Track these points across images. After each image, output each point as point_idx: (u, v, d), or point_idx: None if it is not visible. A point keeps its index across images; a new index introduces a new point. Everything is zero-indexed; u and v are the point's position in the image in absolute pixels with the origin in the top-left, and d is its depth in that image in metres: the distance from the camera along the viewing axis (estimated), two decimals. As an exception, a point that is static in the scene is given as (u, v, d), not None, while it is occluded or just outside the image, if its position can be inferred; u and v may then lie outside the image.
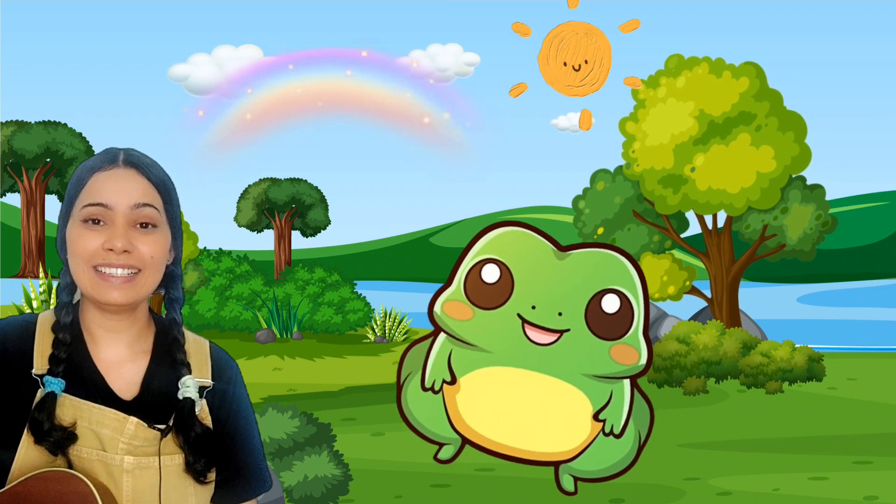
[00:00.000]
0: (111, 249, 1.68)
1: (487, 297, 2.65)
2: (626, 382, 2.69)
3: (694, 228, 16.00)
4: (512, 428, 2.71)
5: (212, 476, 1.77)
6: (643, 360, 2.66)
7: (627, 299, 2.65)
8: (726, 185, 14.65)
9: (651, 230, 15.89)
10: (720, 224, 15.57)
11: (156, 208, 1.73)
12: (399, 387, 2.74)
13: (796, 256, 15.19)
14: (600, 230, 16.02)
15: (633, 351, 2.66)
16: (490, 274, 2.64)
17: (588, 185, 16.22)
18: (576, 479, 2.74)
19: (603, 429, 2.69)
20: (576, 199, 16.29)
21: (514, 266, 2.65)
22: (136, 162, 1.75)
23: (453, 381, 2.69)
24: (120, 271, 1.69)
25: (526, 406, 2.69)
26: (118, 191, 1.70)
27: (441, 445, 2.78)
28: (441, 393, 2.71)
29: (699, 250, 15.82)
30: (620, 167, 15.79)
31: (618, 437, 2.69)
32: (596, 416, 2.68)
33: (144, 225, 1.72)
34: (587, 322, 2.64)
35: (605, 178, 16.01)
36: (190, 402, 1.74)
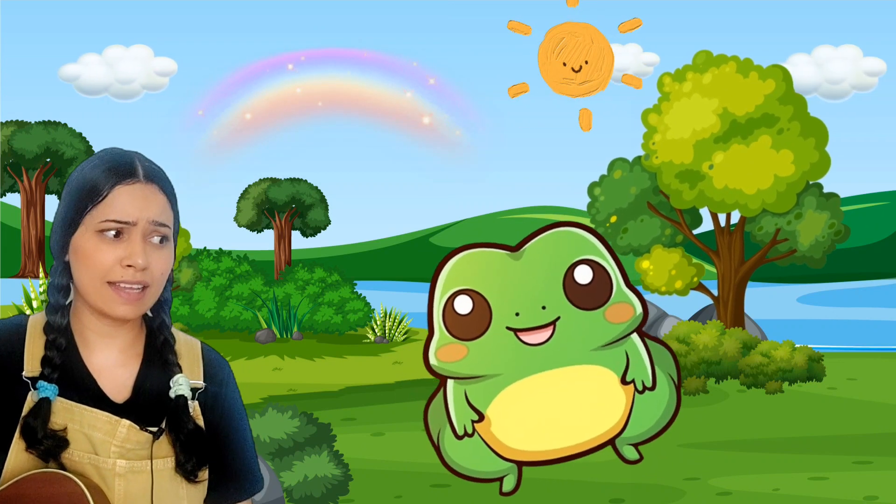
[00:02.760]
0: (130, 266, 1.67)
1: (471, 327, 2.64)
2: (635, 336, 2.69)
3: (706, 225, 15.99)
4: (555, 430, 2.71)
5: (203, 475, 1.76)
6: (639, 310, 2.67)
7: (597, 263, 2.65)
8: (743, 185, 14.63)
9: (664, 223, 15.87)
10: (733, 223, 15.56)
11: (169, 226, 1.73)
12: (436, 447, 2.73)
13: (806, 263, 15.18)
14: (613, 218, 15.99)
15: (626, 306, 2.66)
16: (463, 305, 2.64)
17: (605, 173, 16.17)
18: (636, 445, 2.73)
19: (636, 388, 2.69)
20: (591, 186, 16.24)
21: (481, 287, 2.65)
22: (155, 176, 1.73)
23: (481, 418, 2.69)
24: (134, 287, 1.68)
25: (556, 405, 2.69)
26: (140, 207, 1.69)
27: (501, 479, 2.79)
28: (476, 433, 2.71)
29: (710, 248, 15.81)
30: (639, 157, 15.76)
31: (652, 389, 2.69)
32: (624, 381, 2.68)
33: (158, 241, 1.72)
34: (571, 301, 2.64)
35: (623, 167, 15.97)
36: (182, 399, 1.73)
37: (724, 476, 8.15)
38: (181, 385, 1.74)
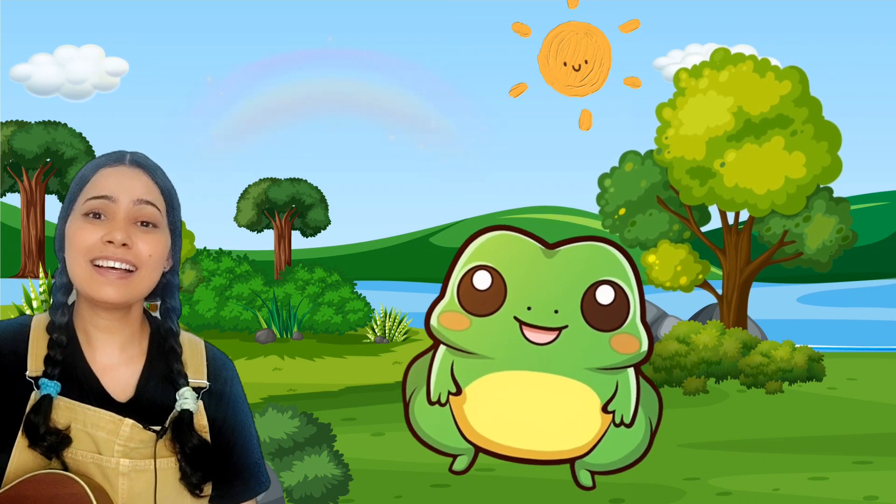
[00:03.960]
0: (110, 242, 1.68)
1: (482, 303, 2.63)
2: (631, 371, 2.68)
3: (715, 223, 15.98)
4: (523, 431, 2.70)
5: (207, 490, 1.75)
6: (644, 347, 2.66)
7: (621, 289, 2.63)
8: (753, 185, 14.63)
9: (672, 218, 15.86)
10: (741, 223, 15.55)
11: (157, 208, 1.73)
12: (405, 404, 2.72)
13: (812, 266, 15.18)
14: (622, 211, 15.98)
15: (633, 339, 2.65)
16: (482, 281, 2.63)
17: (616, 165, 16.15)
18: (593, 473, 2.72)
19: (613, 420, 2.68)
20: (602, 177, 16.22)
21: (504, 270, 2.63)
22: (142, 163, 1.76)
23: (459, 392, 2.68)
24: (117, 265, 1.68)
25: (534, 407, 2.68)
26: (121, 185, 1.71)
27: (455, 457, 2.77)
28: (448, 405, 2.70)
29: (717, 246, 15.81)
30: (651, 151, 15.74)
31: (629, 426, 2.68)
32: (605, 409, 2.67)
33: (145, 224, 1.72)
34: (584, 316, 2.63)
35: (635, 160, 15.95)
36: (188, 414, 1.73)
37: (724, 476, 8.15)
38: (186, 399, 1.74)
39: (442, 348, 2.70)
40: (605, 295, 2.64)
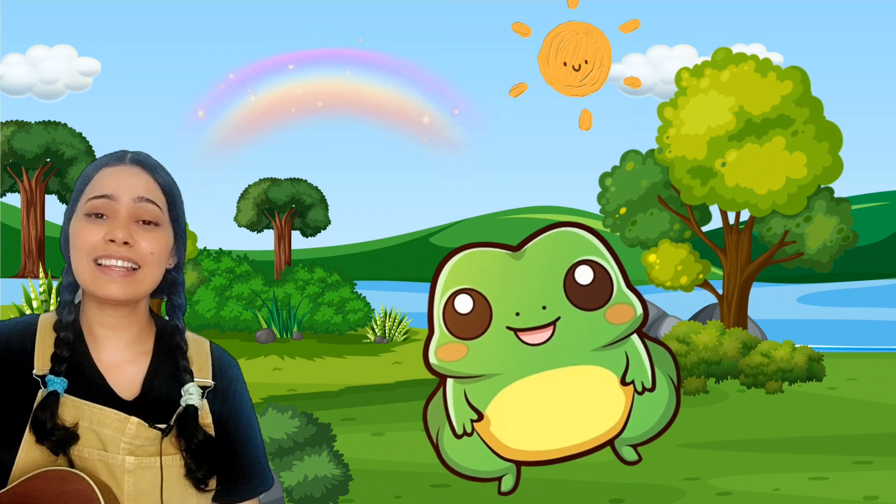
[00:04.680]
0: (112, 241, 1.69)
1: (471, 326, 2.64)
2: (635, 337, 2.69)
3: (715, 223, 15.99)
4: (554, 431, 2.70)
5: (212, 485, 1.76)
6: (639, 311, 2.67)
7: (597, 264, 2.64)
8: (754, 185, 14.62)
9: (673, 218, 15.86)
10: (742, 222, 15.56)
11: (158, 206, 1.74)
12: (434, 446, 2.72)
13: (812, 266, 15.18)
14: (623, 210, 15.98)
15: (626, 307, 2.66)
16: (463, 304, 2.64)
17: (617, 164, 16.15)
18: (635, 446, 2.73)
19: (635, 389, 2.68)
20: (603, 176, 16.22)
21: (481, 287, 2.64)
22: (143, 161, 1.77)
23: (481, 417, 2.68)
24: (120, 263, 1.69)
25: (556, 405, 2.69)
26: (122, 184, 1.72)
27: (500, 479, 2.78)
28: (475, 432, 2.70)
29: (717, 245, 15.81)
30: (652, 151, 15.74)
31: (651, 390, 2.69)
32: (623, 381, 2.68)
33: (147, 222, 1.73)
34: (571, 302, 2.64)
35: (636, 159, 15.95)
36: (193, 410, 1.74)
37: (724, 476, 8.15)
38: (192, 395, 1.75)
39: (450, 381, 2.71)
40: (583, 275, 2.65)
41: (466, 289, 2.65)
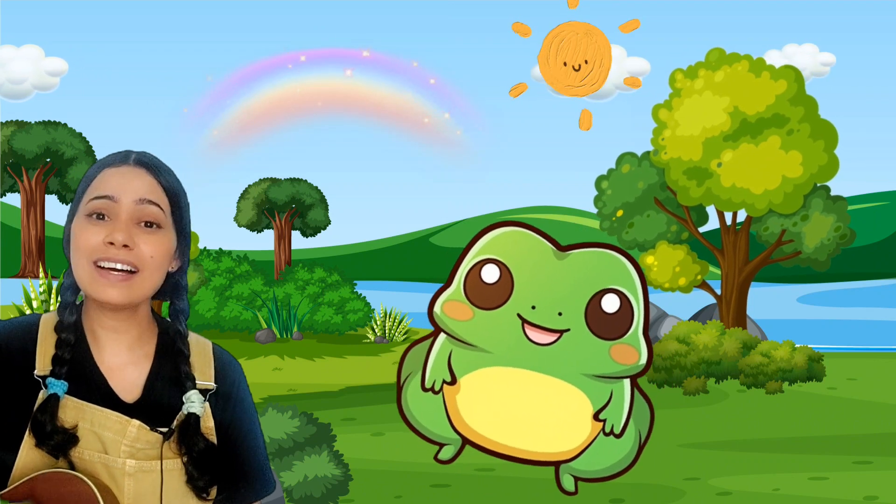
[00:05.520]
0: (112, 243, 1.68)
1: (487, 297, 2.64)
2: (627, 382, 2.69)
3: (712, 223, 15.99)
4: (512, 428, 2.71)
5: (213, 493, 1.76)
6: (643, 360, 2.66)
7: (627, 299, 2.64)
8: (751, 184, 14.63)
9: (670, 219, 15.86)
10: (739, 222, 15.56)
11: (161, 208, 1.72)
12: (399, 387, 2.73)
13: (810, 265, 15.19)
14: (620, 212, 15.99)
15: (633, 350, 2.65)
16: (490, 274, 2.64)
17: (613, 167, 16.15)
18: (576, 478, 2.74)
19: (603, 429, 2.69)
20: (599, 179, 16.22)
21: (513, 266, 2.64)
22: (147, 162, 1.75)
23: (453, 382, 2.69)
24: (119, 266, 1.68)
25: (526, 406, 2.69)
26: (124, 185, 1.71)
27: (441, 446, 2.78)
28: (441, 393, 2.71)
29: (715, 246, 15.81)
30: (648, 153, 15.74)
31: (618, 436, 2.69)
32: (596, 416, 2.68)
33: (149, 224, 1.71)
34: (587, 322, 2.64)
35: (632, 161, 15.95)
36: (194, 418, 1.73)
37: (724, 476, 8.15)
38: (193, 403, 1.74)
39: (442, 336, 2.71)
40: (610, 303, 2.65)
41: (499, 261, 2.65)
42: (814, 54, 31.13)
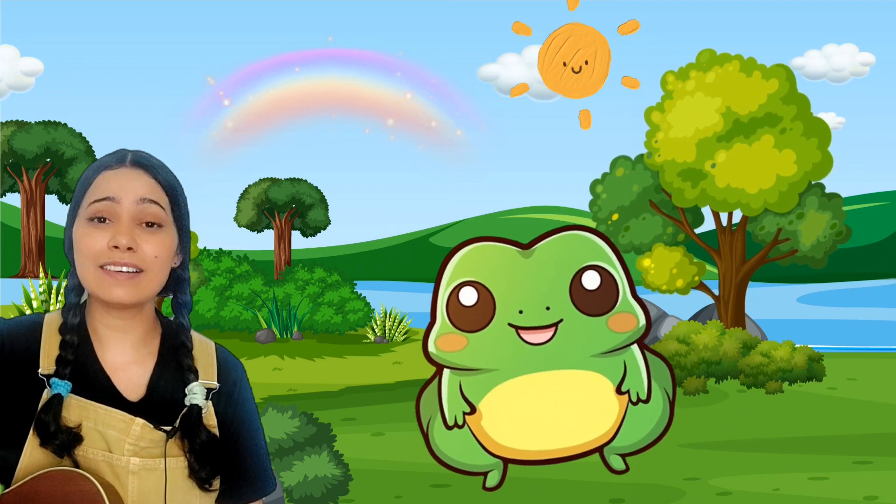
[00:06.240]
0: (116, 247, 1.69)
1: (473, 319, 2.64)
2: (635, 347, 2.69)
3: (708, 224, 15.99)
4: (544, 432, 2.70)
5: (216, 485, 1.76)
6: (642, 322, 2.66)
7: (605, 270, 2.64)
8: (745, 184, 14.63)
9: (665, 221, 15.86)
10: (735, 223, 15.56)
11: (161, 206, 1.73)
12: (424, 435, 2.72)
13: (807, 263, 15.19)
14: (615, 216, 15.99)
15: (629, 316, 2.65)
16: (468, 296, 2.64)
17: (607, 171, 16.16)
18: (623, 456, 2.73)
19: (630, 399, 2.68)
20: (594, 183, 16.23)
21: (487, 281, 2.64)
22: (144, 162, 1.76)
23: (473, 411, 2.68)
24: (124, 269, 1.69)
25: (550, 406, 2.68)
26: (123, 186, 1.71)
27: (485, 474, 2.78)
28: (466, 425, 2.70)
29: (711, 247, 15.81)
30: (641, 156, 15.74)
31: (646, 402, 2.69)
32: (619, 390, 2.68)
33: (150, 224, 1.72)
34: (576, 305, 2.64)
35: (626, 164, 15.96)
36: (196, 409, 1.74)
37: (724, 476, 8.16)
38: (196, 395, 1.75)
39: (447, 372, 2.70)
40: (590, 280, 2.65)
41: (472, 281, 2.65)
42: (853, 54, 31.10)
